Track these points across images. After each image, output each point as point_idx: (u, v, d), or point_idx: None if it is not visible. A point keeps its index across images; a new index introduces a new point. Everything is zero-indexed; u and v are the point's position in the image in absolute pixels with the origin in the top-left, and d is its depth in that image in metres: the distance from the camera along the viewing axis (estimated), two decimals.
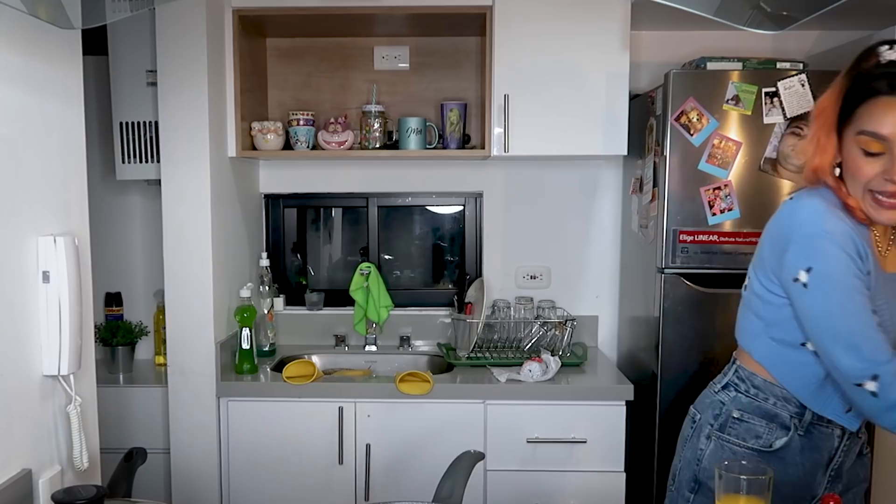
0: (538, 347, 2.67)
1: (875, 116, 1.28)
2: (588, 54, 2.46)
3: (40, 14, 1.20)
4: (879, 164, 1.29)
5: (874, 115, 1.28)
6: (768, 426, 1.48)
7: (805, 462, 1.47)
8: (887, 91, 1.27)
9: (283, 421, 2.39)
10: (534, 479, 2.38)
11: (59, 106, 1.40)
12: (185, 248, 2.36)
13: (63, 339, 1.34)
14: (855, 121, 1.31)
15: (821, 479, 1.49)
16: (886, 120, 1.27)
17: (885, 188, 1.29)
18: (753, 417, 1.49)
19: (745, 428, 1.50)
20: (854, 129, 1.31)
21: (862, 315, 1.31)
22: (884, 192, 1.30)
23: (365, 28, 2.73)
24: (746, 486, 1.17)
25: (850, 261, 1.32)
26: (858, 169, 1.31)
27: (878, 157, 1.29)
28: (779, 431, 1.47)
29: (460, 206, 2.96)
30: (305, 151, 2.62)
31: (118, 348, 2.60)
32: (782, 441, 1.47)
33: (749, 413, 1.50)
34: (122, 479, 1.40)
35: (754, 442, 1.49)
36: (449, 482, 1.39)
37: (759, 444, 1.48)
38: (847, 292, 1.32)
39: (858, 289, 1.32)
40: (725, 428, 1.52)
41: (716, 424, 1.54)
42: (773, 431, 1.48)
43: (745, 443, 1.49)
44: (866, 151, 1.30)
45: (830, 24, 2.64)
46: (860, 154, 1.31)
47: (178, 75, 2.30)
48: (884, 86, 1.27)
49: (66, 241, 1.33)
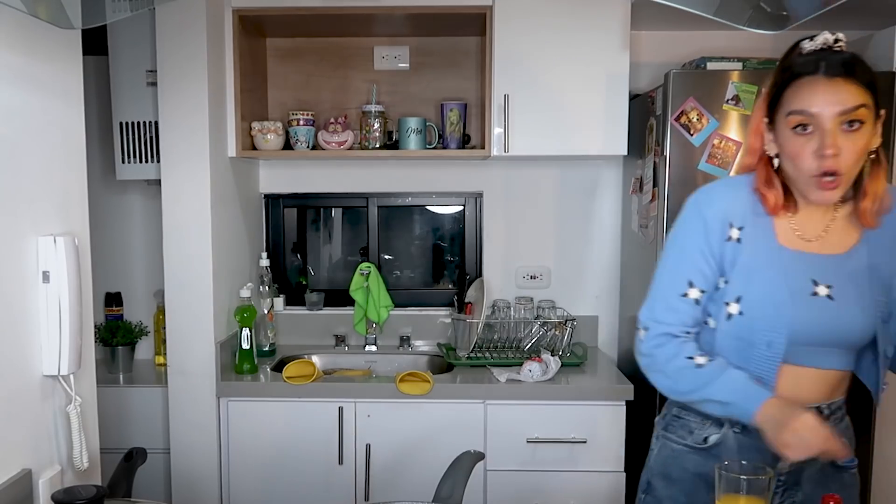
0: (538, 347, 2.67)
1: (799, 94, 1.30)
2: (588, 54, 2.46)
3: (40, 14, 1.20)
4: (812, 143, 1.29)
5: (798, 93, 1.30)
6: (701, 422, 1.47)
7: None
8: (809, 71, 1.30)
9: (283, 421, 2.39)
10: (534, 479, 2.38)
11: (59, 106, 1.40)
12: (185, 248, 2.36)
13: (63, 339, 1.34)
14: (783, 103, 1.33)
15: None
16: (811, 97, 1.29)
17: (823, 166, 1.29)
18: (689, 414, 1.49)
19: (682, 424, 1.50)
20: (783, 111, 1.33)
21: (674, 277, 1.43)
22: (821, 171, 1.30)
23: (365, 28, 2.73)
24: (746, 486, 1.17)
25: (702, 227, 1.40)
26: (796, 153, 1.32)
27: (811, 136, 1.29)
28: (711, 427, 1.46)
29: (460, 206, 2.96)
30: (305, 151, 2.62)
31: (118, 348, 2.60)
32: (716, 437, 1.45)
33: (686, 409, 1.50)
34: (122, 479, 1.40)
35: (690, 439, 1.48)
36: (449, 482, 1.39)
37: (692, 440, 1.48)
38: (679, 253, 1.44)
39: (692, 256, 1.41)
40: (668, 427, 1.53)
41: (662, 424, 1.56)
42: (706, 427, 1.46)
43: (682, 440, 1.50)
44: (797, 132, 1.31)
45: (830, 24, 2.62)
46: (793, 136, 1.31)
47: (178, 75, 2.30)
48: (804, 68, 1.31)
49: (66, 241, 1.34)
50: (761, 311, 1.37)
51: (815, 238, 1.40)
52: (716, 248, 1.40)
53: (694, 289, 1.41)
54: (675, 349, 1.41)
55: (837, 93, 1.27)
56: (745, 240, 1.39)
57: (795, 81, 1.31)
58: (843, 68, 1.29)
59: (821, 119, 1.28)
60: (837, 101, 1.27)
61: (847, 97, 1.27)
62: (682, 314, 1.43)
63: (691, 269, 1.41)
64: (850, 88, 1.28)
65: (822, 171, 1.29)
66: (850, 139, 1.28)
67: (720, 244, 1.40)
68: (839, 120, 1.27)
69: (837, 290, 1.37)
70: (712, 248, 1.40)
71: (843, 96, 1.27)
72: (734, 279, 1.39)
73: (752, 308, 1.37)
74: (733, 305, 1.39)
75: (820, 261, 1.39)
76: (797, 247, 1.40)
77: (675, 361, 1.41)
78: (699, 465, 1.46)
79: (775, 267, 1.38)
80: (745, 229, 1.40)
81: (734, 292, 1.39)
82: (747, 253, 1.39)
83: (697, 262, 1.41)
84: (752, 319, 1.38)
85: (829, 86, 1.28)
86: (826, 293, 1.37)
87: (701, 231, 1.41)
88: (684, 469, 1.49)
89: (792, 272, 1.38)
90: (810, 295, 1.37)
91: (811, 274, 1.38)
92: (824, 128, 1.28)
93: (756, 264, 1.38)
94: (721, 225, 1.40)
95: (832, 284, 1.37)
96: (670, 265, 1.45)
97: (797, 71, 1.32)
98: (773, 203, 1.39)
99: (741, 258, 1.39)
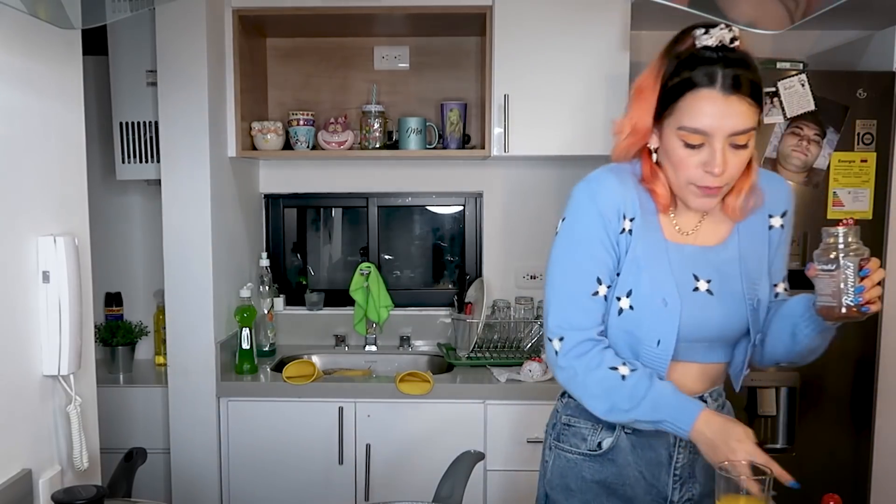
0: (538, 347, 2.67)
1: (694, 110, 1.25)
2: (588, 54, 2.46)
3: (40, 14, 1.20)
4: (700, 156, 1.27)
5: (693, 108, 1.26)
6: (594, 427, 1.44)
7: (639, 461, 1.42)
8: (706, 84, 1.24)
9: (283, 421, 2.39)
10: (534, 479, 2.37)
11: (58, 106, 1.40)
12: (185, 248, 2.36)
13: (63, 339, 1.33)
14: (675, 114, 1.28)
15: (666, 480, 1.42)
16: (705, 113, 1.25)
17: (706, 182, 1.28)
18: (580, 420, 1.46)
19: (574, 433, 1.47)
20: (675, 122, 1.28)
21: (581, 276, 1.37)
22: (703, 185, 1.29)
23: (365, 28, 2.73)
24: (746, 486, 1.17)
25: (599, 219, 1.35)
26: (681, 161, 1.29)
27: (699, 149, 1.27)
28: (604, 432, 1.43)
29: (460, 206, 2.96)
30: (305, 151, 2.62)
31: (118, 348, 2.60)
32: (609, 441, 1.42)
33: (576, 417, 1.46)
34: (122, 479, 1.40)
35: (584, 446, 1.45)
36: (449, 482, 1.39)
37: (586, 447, 1.44)
38: (580, 250, 1.37)
39: (595, 251, 1.35)
40: (560, 436, 1.50)
41: (553, 434, 1.52)
42: (598, 432, 1.44)
43: (576, 448, 1.46)
44: (687, 144, 1.27)
45: (830, 24, 2.64)
46: (681, 146, 1.28)
47: (178, 75, 2.30)
48: (702, 78, 1.25)
49: (66, 241, 1.33)
50: (650, 307, 1.34)
51: (692, 231, 1.39)
52: (614, 240, 1.36)
53: (602, 286, 1.37)
54: (596, 358, 1.35)
55: (732, 114, 1.24)
56: (635, 231, 1.36)
57: (692, 91, 1.25)
58: (740, 84, 1.24)
59: (712, 137, 1.25)
60: (731, 122, 1.24)
61: (740, 119, 1.24)
62: (594, 314, 1.37)
63: (597, 264, 1.36)
64: (744, 109, 1.24)
65: (705, 185, 1.28)
66: (737, 155, 1.27)
67: (616, 236, 1.36)
68: (730, 140, 1.25)
69: (715, 284, 1.37)
70: (612, 240, 1.36)
71: (737, 118, 1.24)
72: (624, 272, 1.36)
73: (641, 303, 1.35)
74: (624, 300, 1.36)
75: (698, 254, 1.38)
76: (678, 240, 1.38)
77: (597, 373, 1.34)
78: (597, 472, 1.44)
79: (662, 261, 1.36)
80: (636, 221, 1.36)
81: (625, 286, 1.36)
82: (638, 245, 1.36)
83: (601, 256, 1.36)
84: (641, 315, 1.35)
85: (725, 104, 1.24)
86: (706, 288, 1.36)
87: (599, 223, 1.36)
88: (582, 478, 1.45)
89: (677, 267, 1.36)
90: (692, 290, 1.36)
91: (692, 268, 1.37)
92: (715, 146, 1.25)
93: (645, 257, 1.36)
94: (616, 215, 1.36)
95: (711, 279, 1.37)
96: (573, 264, 1.38)
97: (695, 80, 1.25)
98: (663, 200, 1.37)
99: (632, 250, 1.36)
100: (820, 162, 2.30)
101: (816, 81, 2.25)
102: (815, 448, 2.37)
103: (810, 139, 2.28)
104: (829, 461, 2.37)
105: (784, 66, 2.31)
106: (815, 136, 2.28)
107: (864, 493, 2.37)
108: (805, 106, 2.26)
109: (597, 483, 1.44)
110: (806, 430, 2.37)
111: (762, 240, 1.41)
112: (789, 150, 2.29)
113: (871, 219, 2.31)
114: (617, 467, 1.43)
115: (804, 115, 2.26)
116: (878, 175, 2.30)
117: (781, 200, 1.43)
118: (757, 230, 1.41)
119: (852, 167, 2.30)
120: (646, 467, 1.42)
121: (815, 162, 2.29)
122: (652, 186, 1.37)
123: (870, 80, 2.28)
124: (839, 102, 2.27)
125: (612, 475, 1.43)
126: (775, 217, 1.42)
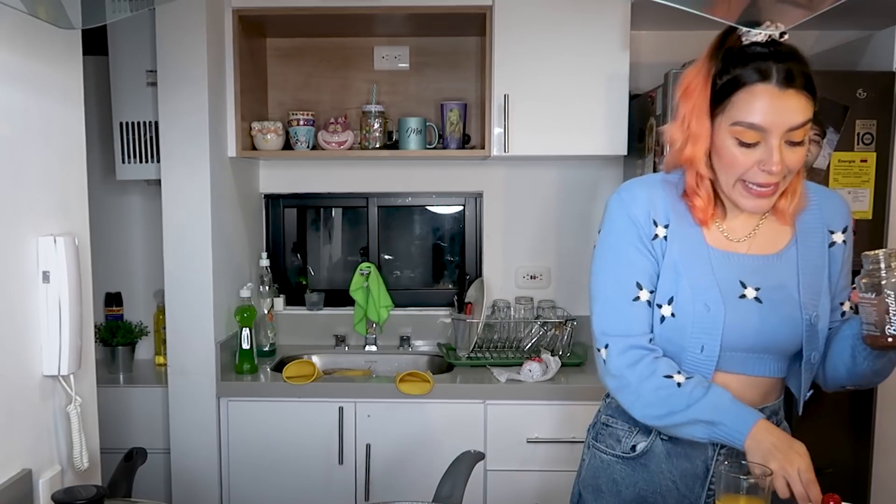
0: (538, 347, 2.67)
1: (750, 106, 1.22)
2: (588, 54, 2.46)
3: (40, 14, 1.20)
4: (755, 155, 1.24)
5: (749, 104, 1.22)
6: (630, 430, 1.42)
7: (673, 471, 1.39)
8: (758, 79, 1.22)
9: (283, 421, 2.39)
10: (534, 479, 2.38)
11: (58, 106, 1.40)
12: (185, 248, 2.36)
13: (63, 339, 1.33)
14: (728, 110, 1.25)
15: (699, 493, 1.38)
16: (760, 108, 1.22)
17: (759, 179, 1.25)
18: (618, 422, 1.44)
19: (610, 433, 1.45)
20: (727, 119, 1.25)
21: (620, 282, 1.35)
22: (757, 182, 1.26)
23: (365, 28, 2.73)
24: (746, 487, 1.17)
25: (632, 225, 1.34)
26: (734, 159, 1.26)
27: (754, 147, 1.24)
28: (639, 435, 1.41)
29: (460, 206, 2.96)
30: (305, 151, 2.62)
31: (118, 348, 2.60)
32: (643, 445, 1.40)
33: (615, 417, 1.45)
34: (122, 479, 1.40)
35: (618, 448, 1.43)
36: (449, 482, 1.39)
37: (620, 448, 1.43)
38: (616, 258, 1.36)
39: (631, 257, 1.34)
40: (598, 436, 1.48)
41: (592, 433, 1.51)
42: (634, 435, 1.41)
43: (611, 450, 1.44)
44: (741, 142, 1.24)
45: (830, 24, 2.64)
46: (735, 144, 1.25)
47: (178, 75, 2.30)
48: (756, 73, 1.22)
49: (66, 241, 1.33)
50: (693, 313, 1.31)
51: (743, 239, 1.36)
52: (648, 245, 1.34)
53: (643, 290, 1.34)
54: (649, 368, 1.32)
55: (789, 109, 1.21)
56: (671, 237, 1.34)
57: (746, 87, 1.23)
58: (795, 77, 1.22)
59: (769, 134, 1.22)
60: (789, 117, 1.22)
61: (798, 113, 1.22)
62: (638, 320, 1.34)
63: (634, 269, 1.34)
64: (801, 102, 1.22)
65: (760, 183, 1.25)
66: (794, 152, 1.24)
67: (650, 241, 1.34)
68: (787, 136, 1.23)
69: (766, 293, 1.32)
70: (647, 245, 1.34)
71: (794, 113, 1.22)
72: (664, 278, 1.34)
73: (683, 309, 1.31)
74: (665, 307, 1.33)
75: (748, 262, 1.34)
76: (724, 247, 1.35)
77: (652, 381, 1.31)
78: (628, 476, 1.42)
79: (704, 267, 1.33)
80: (671, 227, 1.34)
81: (665, 293, 1.33)
82: (675, 251, 1.33)
83: (638, 261, 1.34)
84: (684, 322, 1.31)
85: (782, 99, 1.21)
86: (754, 295, 1.32)
87: (633, 229, 1.34)
88: (614, 481, 1.44)
89: (720, 272, 1.32)
90: (738, 297, 1.32)
91: (739, 275, 1.33)
92: (771, 143, 1.22)
93: (684, 263, 1.33)
94: (647, 222, 1.34)
95: (760, 286, 1.32)
96: (611, 272, 1.37)
97: (749, 75, 1.23)
98: (702, 214, 1.33)
99: (669, 256, 1.33)
100: (820, 162, 2.29)
101: (816, 81, 2.25)
102: (816, 448, 2.35)
103: (810, 139, 2.28)
104: (829, 461, 2.37)
105: None
106: (815, 136, 2.28)
107: (865, 493, 2.37)
108: None
109: (627, 488, 1.42)
110: (806, 431, 2.36)
111: (821, 254, 1.36)
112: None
113: (871, 219, 2.30)
114: (649, 473, 1.40)
115: None
116: (878, 175, 2.30)
117: (841, 215, 1.38)
118: (816, 244, 1.36)
119: (852, 167, 2.30)
120: (680, 478, 1.39)
121: (815, 162, 2.29)
122: (692, 201, 1.34)
123: (870, 80, 2.28)
124: (839, 102, 2.27)
125: (644, 481, 1.40)
126: (836, 233, 1.38)
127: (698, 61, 1.30)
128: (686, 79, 1.31)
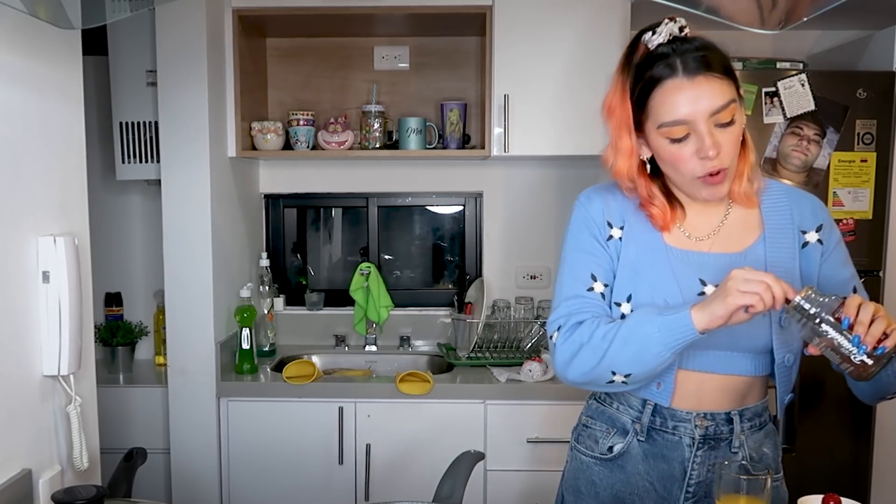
0: (538, 347, 2.67)
1: (667, 104, 1.24)
2: (588, 54, 2.46)
3: (40, 14, 1.20)
4: (690, 147, 1.25)
5: (665, 102, 1.24)
6: (608, 431, 1.42)
7: (651, 472, 1.38)
8: (668, 74, 1.24)
9: (283, 421, 2.39)
10: (534, 479, 2.38)
11: (58, 106, 1.40)
12: (185, 248, 2.36)
13: (63, 340, 1.33)
14: (651, 115, 1.27)
15: (678, 495, 1.37)
16: (676, 103, 1.23)
17: (706, 169, 1.25)
18: (597, 423, 1.45)
19: (589, 434, 1.46)
20: (653, 123, 1.27)
21: (575, 275, 1.37)
22: (705, 172, 1.26)
23: (365, 28, 2.73)
24: (746, 486, 1.17)
25: (588, 225, 1.38)
26: (673, 156, 1.27)
27: (687, 140, 1.25)
28: (617, 437, 1.41)
29: (460, 206, 2.96)
30: (305, 151, 2.62)
31: (118, 348, 2.60)
32: (620, 446, 1.40)
33: (594, 419, 1.46)
34: (122, 479, 1.40)
35: (596, 449, 1.43)
36: (449, 482, 1.39)
37: (598, 450, 1.43)
38: (572, 254, 1.39)
39: (585, 251, 1.37)
40: (579, 437, 1.49)
41: (574, 435, 1.51)
42: (611, 436, 1.42)
43: (590, 451, 1.45)
44: (672, 139, 1.25)
45: (830, 24, 2.64)
46: (667, 143, 1.26)
47: (178, 75, 2.30)
48: (663, 71, 1.24)
49: (66, 241, 1.33)
50: None
51: (706, 237, 1.36)
52: (604, 244, 1.37)
53: (598, 282, 1.35)
54: (590, 326, 1.30)
55: (704, 95, 1.22)
56: (626, 238, 1.36)
57: (658, 87, 1.25)
58: (701, 64, 1.23)
59: (694, 123, 1.23)
60: (706, 103, 1.22)
61: (714, 96, 1.22)
62: (593, 307, 1.34)
63: (589, 262, 1.36)
64: (714, 85, 1.22)
65: (707, 172, 1.26)
66: (726, 132, 1.24)
67: (604, 241, 1.37)
68: (712, 120, 1.23)
69: None
70: (602, 244, 1.37)
71: (711, 97, 1.22)
72: (620, 276, 1.35)
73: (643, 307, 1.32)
74: (625, 305, 1.33)
75: (709, 260, 1.34)
76: (684, 246, 1.35)
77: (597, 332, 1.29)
78: (606, 478, 1.42)
79: (662, 265, 1.34)
80: (626, 228, 1.36)
81: (623, 290, 1.34)
82: (631, 251, 1.35)
83: (594, 253, 1.36)
84: None
85: (694, 87, 1.22)
86: None
87: (587, 227, 1.38)
88: (592, 482, 1.44)
89: (679, 270, 1.33)
90: (698, 294, 1.31)
91: (699, 273, 1.33)
92: (700, 130, 1.23)
93: (642, 262, 1.34)
94: (602, 223, 1.37)
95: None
96: (567, 266, 1.39)
97: (657, 76, 1.25)
98: (661, 221, 1.34)
99: (625, 256, 1.35)
100: (820, 162, 2.30)
101: (816, 81, 2.25)
102: (816, 448, 2.37)
103: (810, 139, 2.28)
104: (829, 461, 2.37)
105: (784, 66, 2.31)
106: (815, 135, 2.28)
107: (865, 493, 2.37)
108: (805, 106, 2.26)
109: (605, 490, 1.42)
110: (806, 431, 2.37)
111: (792, 255, 1.34)
112: (789, 150, 2.29)
113: (871, 219, 2.31)
114: (626, 475, 1.40)
115: (804, 114, 2.27)
116: (878, 175, 2.30)
117: (813, 214, 1.37)
118: (786, 244, 1.35)
119: (852, 167, 2.30)
120: (657, 479, 1.39)
121: (815, 162, 2.29)
122: (649, 211, 1.35)
123: (870, 80, 2.28)
124: (839, 102, 2.27)
125: (621, 483, 1.41)
126: (809, 232, 1.36)
127: (613, 80, 1.33)
128: (606, 99, 1.34)
